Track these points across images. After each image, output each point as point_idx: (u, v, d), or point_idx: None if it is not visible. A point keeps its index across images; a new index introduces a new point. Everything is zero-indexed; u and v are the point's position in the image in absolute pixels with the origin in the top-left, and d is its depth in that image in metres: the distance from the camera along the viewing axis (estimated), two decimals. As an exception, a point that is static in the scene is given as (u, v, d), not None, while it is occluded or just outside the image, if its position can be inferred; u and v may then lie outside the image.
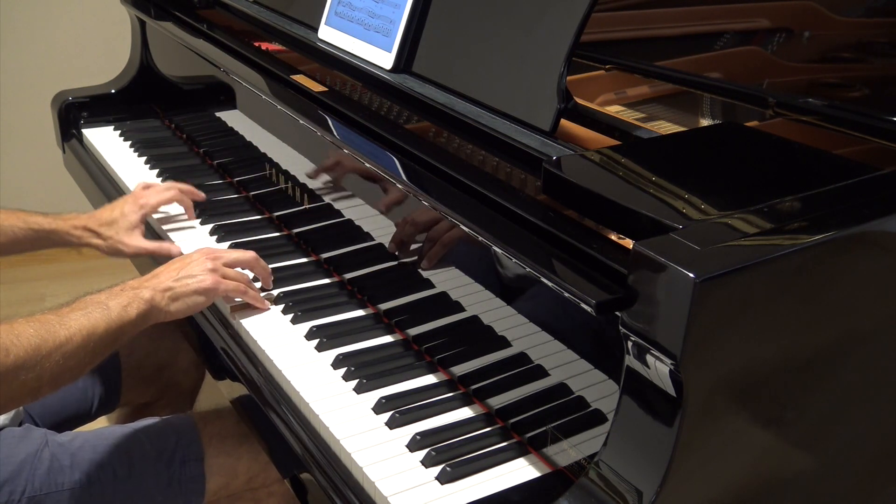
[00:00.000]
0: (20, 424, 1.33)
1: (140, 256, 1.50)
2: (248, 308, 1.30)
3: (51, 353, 1.02)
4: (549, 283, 0.90)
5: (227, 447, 1.33)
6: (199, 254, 1.28)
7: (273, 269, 1.39)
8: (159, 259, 1.43)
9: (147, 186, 1.55)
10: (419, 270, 1.21)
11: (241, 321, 1.28)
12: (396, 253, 1.25)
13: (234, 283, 1.26)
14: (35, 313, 1.07)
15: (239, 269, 1.31)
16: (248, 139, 1.65)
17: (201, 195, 1.58)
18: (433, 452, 1.01)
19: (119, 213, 1.48)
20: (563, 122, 1.10)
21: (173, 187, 1.56)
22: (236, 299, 1.30)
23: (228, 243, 1.48)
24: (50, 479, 1.23)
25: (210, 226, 1.56)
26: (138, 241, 1.47)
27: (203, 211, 1.60)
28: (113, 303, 1.12)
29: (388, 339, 1.23)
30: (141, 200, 1.50)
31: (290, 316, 1.28)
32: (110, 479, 1.25)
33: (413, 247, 1.22)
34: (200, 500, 1.32)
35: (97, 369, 1.50)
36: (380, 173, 1.21)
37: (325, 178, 1.41)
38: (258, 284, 1.34)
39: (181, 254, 1.41)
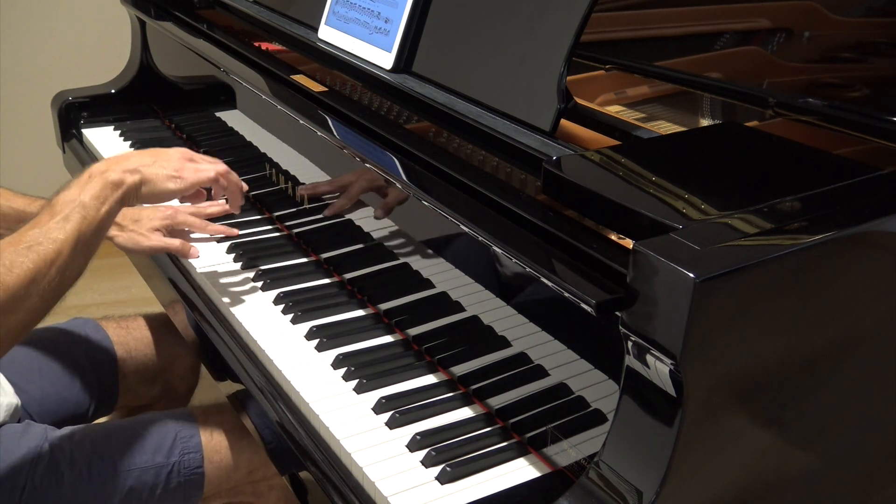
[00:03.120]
0: (19, 421, 1.33)
1: (157, 253, 1.46)
2: (248, 308, 1.30)
3: (47, 272, 1.03)
4: (549, 283, 0.90)
5: (227, 441, 1.34)
6: (175, 149, 1.26)
7: (273, 269, 1.39)
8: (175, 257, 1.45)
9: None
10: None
11: (241, 321, 1.28)
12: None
13: (204, 173, 1.25)
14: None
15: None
16: (248, 139, 1.65)
17: (235, 232, 1.50)
18: (433, 452, 1.01)
19: (145, 215, 1.43)
20: (563, 122, 1.10)
21: (207, 227, 1.49)
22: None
23: (228, 243, 1.48)
24: (50, 474, 1.23)
25: (210, 226, 1.55)
26: (160, 237, 1.42)
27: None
28: (86, 196, 1.10)
29: (388, 339, 1.23)
30: (168, 212, 1.44)
31: (290, 316, 1.28)
32: (110, 473, 1.26)
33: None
34: (200, 493, 1.33)
35: (95, 372, 1.51)
36: (380, 173, 1.21)
37: (326, 181, 1.41)
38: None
39: (198, 256, 1.41)
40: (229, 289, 1.36)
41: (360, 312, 1.29)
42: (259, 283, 1.36)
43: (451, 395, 1.12)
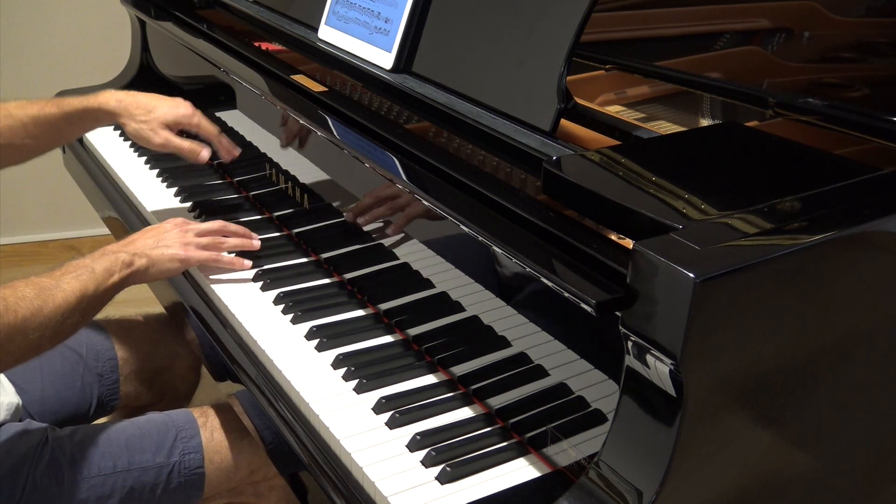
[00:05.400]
0: (20, 421, 1.34)
1: (167, 150, 1.51)
2: (248, 308, 1.30)
3: (51, 313, 1.12)
4: (549, 283, 0.90)
5: (228, 441, 1.34)
6: (171, 224, 1.37)
7: (273, 269, 1.39)
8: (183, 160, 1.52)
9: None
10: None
11: (241, 321, 1.28)
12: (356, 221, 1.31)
13: (206, 254, 1.35)
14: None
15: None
16: (248, 139, 1.65)
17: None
18: (433, 452, 1.01)
19: (157, 105, 1.51)
20: (563, 122, 1.10)
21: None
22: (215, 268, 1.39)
23: (228, 243, 1.48)
24: (51, 473, 1.24)
25: (210, 226, 1.55)
26: (170, 135, 1.49)
27: (203, 211, 1.60)
28: (98, 266, 1.21)
29: (388, 339, 1.23)
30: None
31: (290, 316, 1.28)
32: (110, 473, 1.26)
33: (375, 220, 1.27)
34: (200, 494, 1.33)
35: (96, 372, 1.51)
36: (380, 173, 1.21)
37: (326, 181, 1.41)
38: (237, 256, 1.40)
39: (207, 158, 1.49)
40: (229, 289, 1.36)
41: (360, 312, 1.29)
42: (259, 283, 1.36)
43: (451, 395, 1.12)
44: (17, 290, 1.11)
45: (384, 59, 1.34)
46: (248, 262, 1.39)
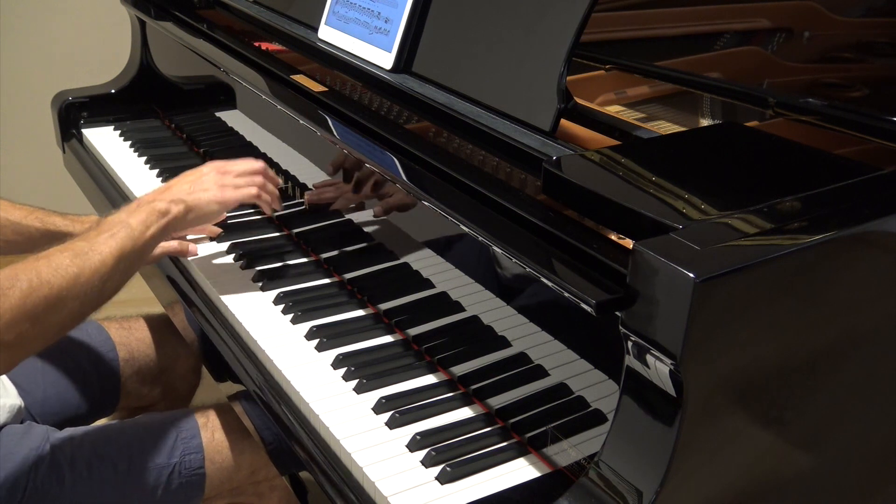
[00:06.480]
0: (21, 422, 1.33)
1: (158, 259, 1.45)
2: (248, 308, 1.30)
3: (90, 279, 1.08)
4: (549, 283, 0.90)
5: (228, 441, 1.34)
6: (209, 167, 1.33)
7: (273, 269, 1.39)
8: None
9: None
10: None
11: (241, 321, 1.28)
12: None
13: (245, 191, 1.32)
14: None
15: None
16: (248, 139, 1.65)
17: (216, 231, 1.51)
18: (433, 452, 1.01)
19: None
20: (563, 122, 1.10)
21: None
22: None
23: (227, 243, 1.48)
24: (51, 475, 1.23)
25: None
26: (160, 250, 1.40)
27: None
28: (133, 220, 1.18)
29: (388, 339, 1.23)
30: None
31: (290, 316, 1.28)
32: (111, 474, 1.26)
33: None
34: (200, 494, 1.33)
35: (97, 373, 1.51)
36: (380, 173, 1.21)
37: (327, 180, 1.41)
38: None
39: (197, 254, 1.43)
40: (229, 289, 1.36)
41: (360, 312, 1.29)
42: (259, 283, 1.36)
43: (451, 395, 1.12)
44: (52, 259, 1.07)
45: (384, 59, 1.34)
46: (280, 205, 1.38)
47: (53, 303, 1.04)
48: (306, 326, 1.25)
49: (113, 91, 2.06)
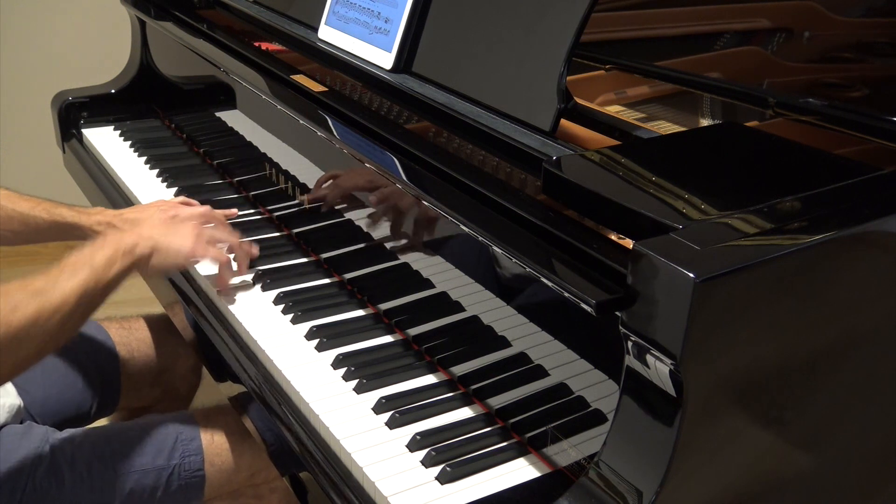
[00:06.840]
0: (21, 422, 1.33)
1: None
2: (248, 308, 1.30)
3: (49, 319, 1.06)
4: (549, 283, 0.90)
5: (229, 443, 1.34)
6: (192, 222, 1.30)
7: (273, 269, 1.39)
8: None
9: (186, 202, 1.46)
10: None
11: (241, 322, 1.28)
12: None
13: (217, 255, 1.31)
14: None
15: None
16: (248, 139, 1.65)
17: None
18: (433, 452, 1.01)
19: (146, 215, 1.39)
20: (563, 122, 1.10)
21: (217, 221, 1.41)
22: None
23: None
24: (51, 475, 1.23)
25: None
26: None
27: (203, 211, 1.60)
28: (98, 257, 1.15)
29: (388, 339, 1.23)
30: (171, 212, 1.38)
31: (290, 316, 1.28)
32: (111, 475, 1.26)
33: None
34: (200, 496, 1.33)
35: (97, 372, 1.51)
36: (379, 173, 1.21)
37: (326, 180, 1.41)
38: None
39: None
40: (229, 289, 1.36)
41: (360, 312, 1.29)
42: (259, 284, 1.36)
43: (451, 395, 1.12)
44: (10, 297, 1.04)
45: (384, 59, 1.34)
46: (250, 272, 1.37)
47: (12, 343, 1.03)
48: (306, 326, 1.25)
49: (113, 91, 2.06)
